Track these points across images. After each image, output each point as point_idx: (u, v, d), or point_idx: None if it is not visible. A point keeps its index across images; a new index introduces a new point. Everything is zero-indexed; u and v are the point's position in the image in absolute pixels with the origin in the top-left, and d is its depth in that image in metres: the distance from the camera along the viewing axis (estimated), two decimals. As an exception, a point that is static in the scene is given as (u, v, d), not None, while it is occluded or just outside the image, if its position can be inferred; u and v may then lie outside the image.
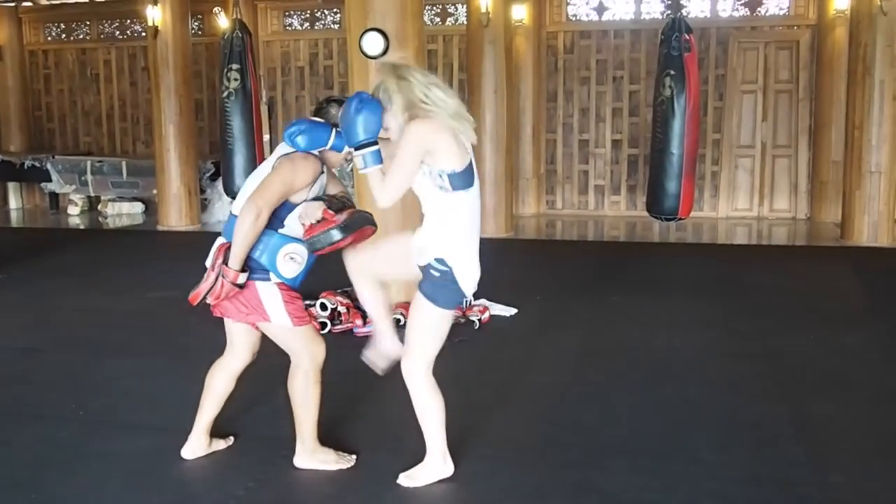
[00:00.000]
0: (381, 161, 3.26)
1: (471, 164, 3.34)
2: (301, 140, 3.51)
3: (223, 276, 3.49)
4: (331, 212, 3.53)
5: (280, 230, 3.57)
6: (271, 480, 3.76)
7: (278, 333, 3.71)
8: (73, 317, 6.68)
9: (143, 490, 3.70)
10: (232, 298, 3.57)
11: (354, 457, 3.87)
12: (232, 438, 4.14)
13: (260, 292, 3.59)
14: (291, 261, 3.61)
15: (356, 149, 3.29)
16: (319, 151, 3.60)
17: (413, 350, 3.52)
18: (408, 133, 3.24)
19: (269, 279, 3.60)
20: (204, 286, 3.56)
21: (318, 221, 3.53)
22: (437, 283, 3.40)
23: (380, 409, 4.60)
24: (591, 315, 6.53)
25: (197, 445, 3.97)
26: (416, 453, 3.71)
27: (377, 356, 3.78)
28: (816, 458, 3.89)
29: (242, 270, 3.50)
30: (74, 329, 6.32)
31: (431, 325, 3.47)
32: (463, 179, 3.28)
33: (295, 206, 3.57)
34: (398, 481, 3.64)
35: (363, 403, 4.70)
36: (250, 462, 3.95)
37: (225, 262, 3.49)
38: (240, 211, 3.51)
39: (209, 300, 3.56)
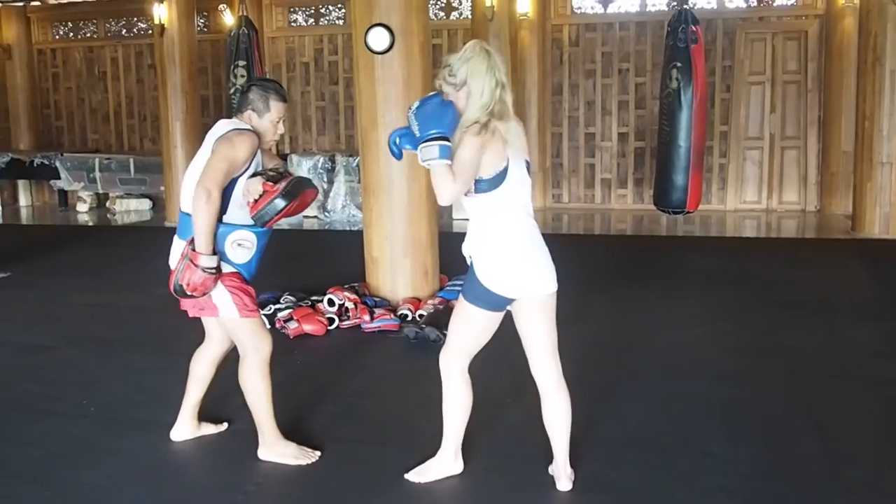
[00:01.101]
0: (449, 157, 3.17)
1: (505, 169, 3.23)
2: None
3: (191, 261, 3.52)
4: (269, 184, 3.60)
5: (224, 218, 3.62)
6: (280, 476, 3.76)
7: (227, 325, 3.77)
8: (83, 313, 6.70)
9: (154, 486, 3.70)
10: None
11: (318, 453, 3.87)
12: (226, 424, 4.19)
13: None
14: (240, 247, 3.67)
15: (429, 140, 3.16)
16: (253, 126, 3.64)
17: (450, 344, 3.52)
18: (468, 138, 3.17)
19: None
20: (172, 277, 3.64)
21: (261, 196, 3.58)
22: (468, 280, 3.40)
23: (388, 404, 4.60)
24: (599, 309, 6.51)
25: (184, 428, 4.08)
26: (425, 449, 3.70)
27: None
28: (830, 453, 3.86)
29: (213, 254, 3.54)
30: (84, 325, 6.33)
31: (463, 320, 3.46)
32: (489, 183, 3.23)
33: (234, 187, 3.60)
34: (406, 476, 3.64)
35: (371, 399, 4.69)
36: (260, 458, 3.96)
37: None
38: (191, 200, 3.54)
39: (188, 291, 3.58)
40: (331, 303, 6.13)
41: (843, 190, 10.90)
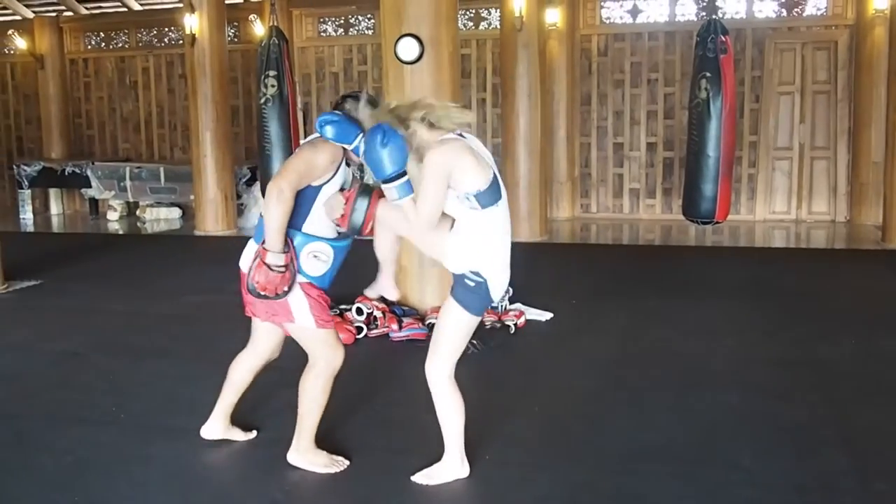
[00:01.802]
0: (411, 191, 3.30)
1: (495, 177, 3.34)
2: (329, 130, 3.54)
3: (261, 260, 3.52)
4: (344, 190, 3.66)
5: (303, 228, 3.62)
6: (309, 484, 3.78)
7: (300, 334, 3.76)
8: (113, 321, 6.76)
9: (183, 493, 3.73)
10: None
11: (347, 462, 3.89)
12: (255, 432, 4.21)
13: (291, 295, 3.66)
14: (316, 259, 3.67)
15: (385, 182, 3.31)
16: (343, 149, 3.64)
17: (440, 352, 3.55)
18: (428, 163, 3.26)
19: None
20: (245, 278, 3.63)
21: (343, 206, 3.62)
22: (471, 291, 3.44)
23: (416, 413, 4.61)
24: (627, 319, 6.49)
25: (215, 427, 4.12)
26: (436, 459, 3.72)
27: (372, 290, 4.02)
28: (860, 466, 3.83)
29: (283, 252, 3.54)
30: (114, 333, 6.38)
31: (461, 330, 3.53)
32: (490, 196, 3.31)
33: (316, 196, 3.60)
34: (413, 478, 3.68)
35: (399, 408, 4.70)
36: (288, 465, 3.98)
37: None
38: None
39: (260, 291, 3.56)
40: (359, 311, 6.15)
41: (873, 200, 10.81)
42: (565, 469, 3.74)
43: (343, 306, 6.32)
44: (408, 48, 6.16)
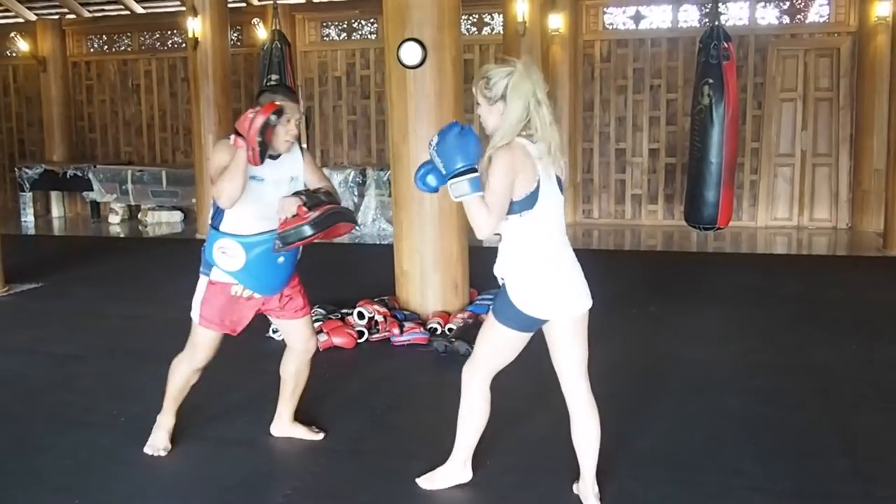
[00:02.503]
0: (481, 188, 3.13)
1: (536, 189, 3.19)
2: (432, 179, 3.47)
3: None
4: (304, 208, 3.64)
5: (220, 226, 3.79)
6: (310, 487, 3.77)
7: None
8: (114, 324, 6.76)
9: (184, 496, 3.73)
10: None
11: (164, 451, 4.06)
12: (322, 434, 4.25)
13: (198, 284, 3.95)
14: (224, 254, 3.78)
15: (456, 175, 3.13)
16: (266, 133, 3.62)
17: (475, 357, 3.52)
18: (498, 162, 3.12)
19: (208, 274, 3.89)
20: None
21: (293, 217, 3.64)
22: (500, 299, 3.37)
23: (417, 417, 4.61)
24: (629, 325, 6.49)
25: (278, 426, 4.27)
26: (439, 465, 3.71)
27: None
28: (861, 472, 3.82)
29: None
30: (115, 336, 6.38)
31: (491, 338, 3.45)
32: (520, 205, 3.19)
33: None
34: (417, 481, 3.68)
35: (400, 412, 4.70)
36: (289, 469, 3.98)
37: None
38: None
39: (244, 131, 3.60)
40: (361, 316, 6.15)
41: (874, 207, 10.81)
42: (567, 475, 3.73)
43: (345, 310, 6.32)
44: (411, 53, 6.17)
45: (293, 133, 3.78)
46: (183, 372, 4.08)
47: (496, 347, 3.45)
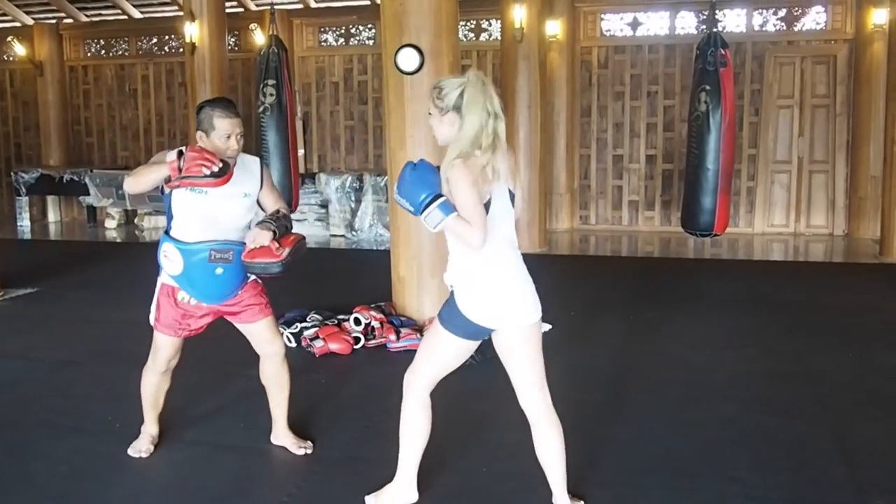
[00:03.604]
0: (453, 209, 3.12)
1: (488, 202, 3.19)
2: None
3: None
4: (276, 244, 3.71)
5: (168, 230, 3.87)
6: (305, 494, 3.77)
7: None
8: (110, 329, 6.73)
9: (179, 502, 3.72)
10: None
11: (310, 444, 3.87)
12: (310, 444, 4.21)
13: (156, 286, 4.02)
14: (166, 258, 3.87)
15: (426, 207, 3.14)
16: (204, 146, 3.73)
17: (416, 365, 3.49)
18: (457, 178, 3.10)
19: (159, 277, 3.99)
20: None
21: (260, 248, 3.72)
22: (447, 307, 3.37)
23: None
24: (626, 331, 6.49)
25: (275, 434, 4.23)
26: (447, 469, 3.69)
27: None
28: (857, 479, 3.82)
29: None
30: (110, 342, 6.36)
31: (436, 346, 3.42)
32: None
33: (170, 202, 3.79)
34: (366, 498, 3.61)
35: (395, 419, 4.67)
36: (284, 475, 3.97)
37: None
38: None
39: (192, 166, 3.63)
40: (357, 322, 6.14)
41: (871, 214, 10.83)
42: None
43: (341, 316, 6.31)
44: (408, 59, 6.17)
45: (234, 149, 3.78)
46: (151, 380, 4.17)
47: (440, 355, 3.42)
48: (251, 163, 3.94)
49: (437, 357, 3.43)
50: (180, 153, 3.58)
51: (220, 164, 3.58)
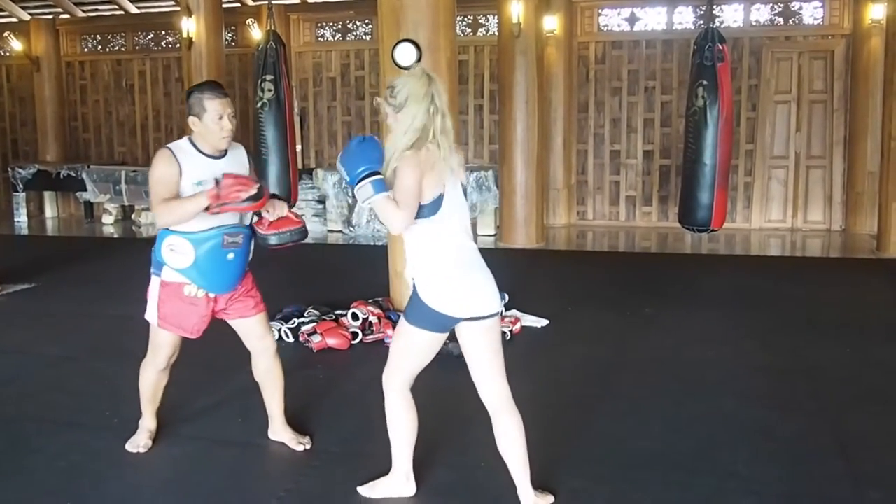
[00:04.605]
0: (385, 189, 3.21)
1: (441, 194, 3.23)
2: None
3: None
4: (294, 212, 3.80)
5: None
6: (303, 490, 3.77)
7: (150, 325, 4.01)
8: (107, 325, 6.73)
9: (177, 498, 3.72)
10: None
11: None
12: (308, 439, 4.20)
13: (150, 285, 3.98)
14: (172, 252, 3.81)
15: (361, 179, 3.23)
16: (198, 132, 3.75)
17: (390, 365, 3.52)
18: (404, 163, 3.16)
19: (159, 274, 3.93)
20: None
21: (280, 218, 3.78)
22: (411, 302, 3.41)
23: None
24: (623, 327, 6.49)
25: (272, 430, 4.22)
26: (444, 464, 3.69)
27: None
28: (856, 474, 3.83)
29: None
30: (108, 337, 6.35)
31: (405, 343, 3.46)
32: (429, 209, 3.23)
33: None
34: (358, 489, 3.64)
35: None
36: (283, 470, 3.97)
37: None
38: None
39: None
40: (355, 317, 6.14)
41: (868, 209, 10.83)
42: (560, 476, 3.73)
43: (339, 312, 6.31)
44: (405, 54, 6.16)
45: (228, 129, 3.78)
46: (149, 376, 4.16)
47: (411, 351, 3.46)
48: (238, 150, 3.96)
49: (410, 353, 3.47)
50: (216, 182, 3.59)
51: (257, 188, 3.61)
